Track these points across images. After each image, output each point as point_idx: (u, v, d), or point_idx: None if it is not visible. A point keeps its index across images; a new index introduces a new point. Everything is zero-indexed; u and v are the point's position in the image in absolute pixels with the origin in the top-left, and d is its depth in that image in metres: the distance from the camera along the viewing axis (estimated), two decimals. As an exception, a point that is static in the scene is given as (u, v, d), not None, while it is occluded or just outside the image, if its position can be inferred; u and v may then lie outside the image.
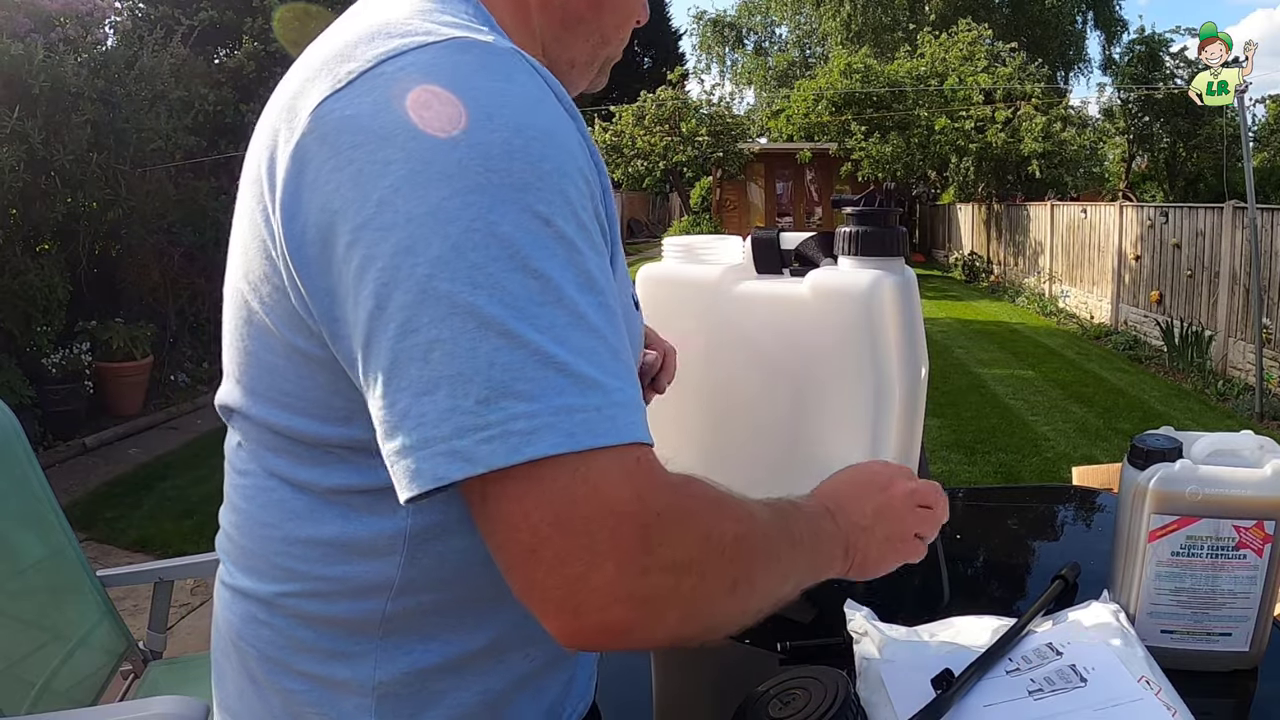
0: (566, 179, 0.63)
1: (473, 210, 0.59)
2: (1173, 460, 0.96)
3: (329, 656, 0.76)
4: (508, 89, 0.63)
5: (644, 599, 0.61)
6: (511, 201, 0.60)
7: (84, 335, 6.47)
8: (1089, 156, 17.34)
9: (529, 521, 0.59)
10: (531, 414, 0.58)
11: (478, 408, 0.58)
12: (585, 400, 0.60)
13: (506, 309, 0.59)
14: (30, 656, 1.76)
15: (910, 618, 1.00)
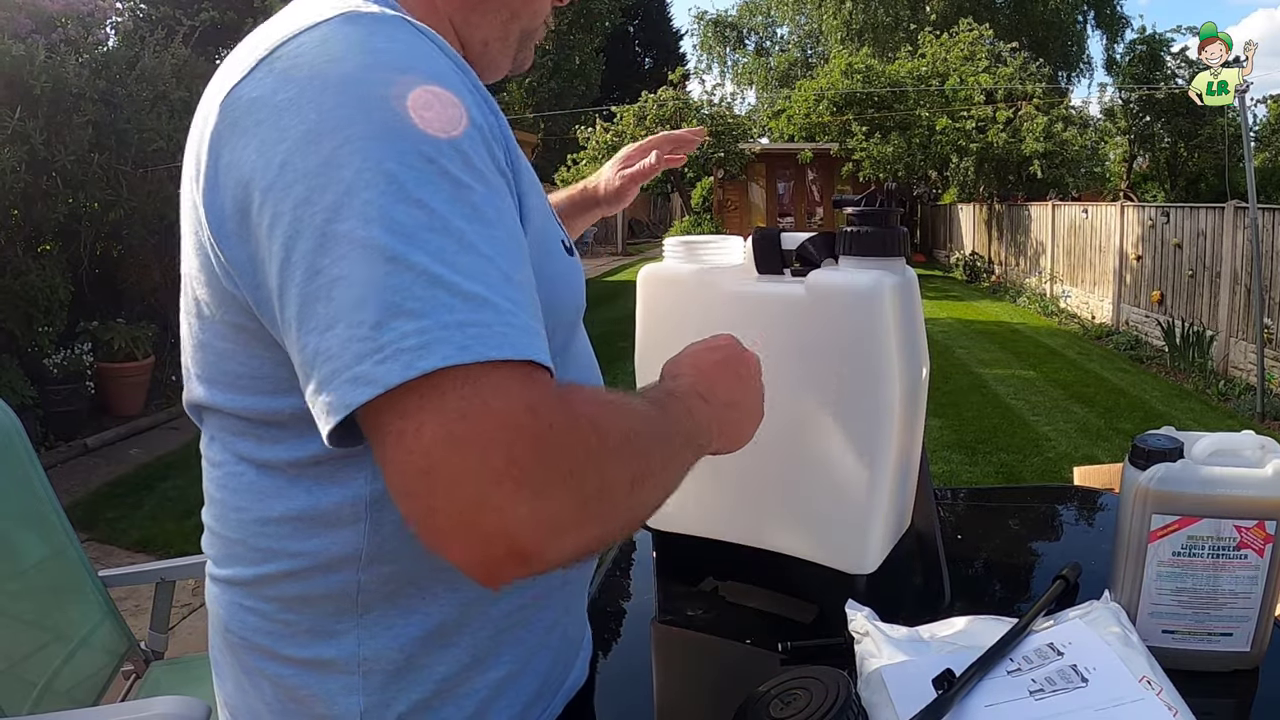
0: (450, 124, 0.66)
1: (360, 155, 0.62)
2: (1174, 460, 0.96)
3: (313, 638, 0.77)
4: (391, 46, 0.68)
5: (550, 516, 0.60)
6: (396, 143, 0.63)
7: (85, 335, 6.47)
8: (1090, 156, 17.33)
9: (421, 441, 0.58)
10: (422, 330, 0.59)
11: (372, 332, 0.59)
12: (477, 316, 0.61)
13: (395, 236, 0.61)
14: (32, 657, 1.77)
15: (911, 618, 1.00)
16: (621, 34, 31.38)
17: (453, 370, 0.59)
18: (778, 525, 1.15)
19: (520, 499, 0.59)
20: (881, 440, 1.05)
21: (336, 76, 0.65)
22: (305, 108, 0.64)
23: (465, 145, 0.66)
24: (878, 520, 1.08)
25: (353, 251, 0.61)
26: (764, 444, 1.14)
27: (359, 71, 0.65)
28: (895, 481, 1.09)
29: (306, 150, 0.63)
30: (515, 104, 21.43)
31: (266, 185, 0.64)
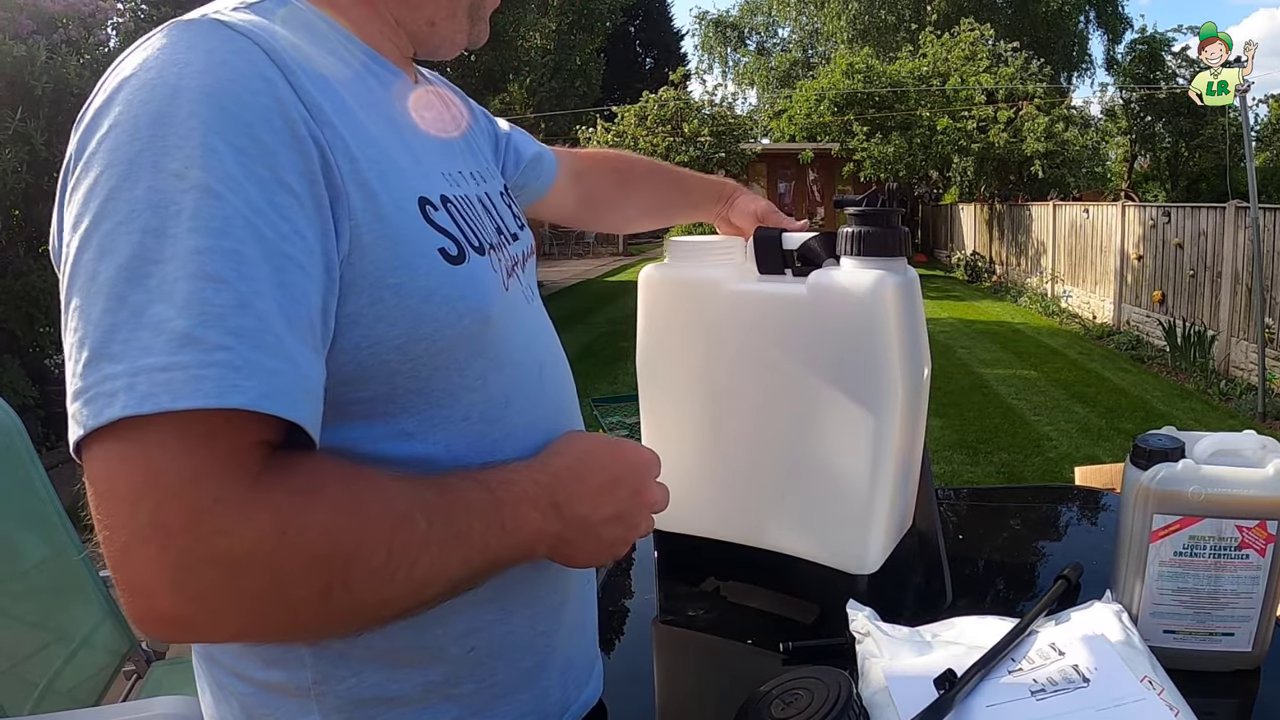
0: (218, 134, 0.61)
1: (112, 180, 0.61)
2: (1175, 460, 0.96)
3: (268, 663, 0.76)
4: (181, 57, 0.65)
5: (196, 593, 0.57)
6: (149, 165, 0.60)
7: (87, 336, 6.48)
8: (1091, 156, 17.33)
9: (95, 488, 0.58)
10: (115, 375, 0.57)
11: (83, 371, 0.58)
12: (175, 359, 0.57)
13: (119, 270, 0.58)
14: (33, 657, 1.77)
15: (913, 618, 1.00)
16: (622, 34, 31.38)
17: (132, 420, 0.56)
18: (779, 525, 1.15)
19: (165, 567, 0.56)
20: (883, 440, 1.05)
21: (127, 95, 0.65)
22: (101, 129, 0.65)
23: (244, 150, 0.62)
24: (879, 520, 1.08)
25: (87, 285, 0.60)
26: (765, 444, 1.14)
27: (138, 91, 0.64)
28: (897, 481, 1.09)
29: (81, 177, 0.63)
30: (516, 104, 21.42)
31: (62, 201, 0.66)
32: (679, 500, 1.22)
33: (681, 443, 1.21)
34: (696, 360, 1.17)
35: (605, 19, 22.34)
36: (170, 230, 0.59)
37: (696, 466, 1.20)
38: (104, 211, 0.60)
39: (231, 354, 0.58)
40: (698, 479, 1.20)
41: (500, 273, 0.82)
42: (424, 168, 0.79)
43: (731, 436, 1.17)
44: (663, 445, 1.22)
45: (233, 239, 0.60)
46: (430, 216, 0.74)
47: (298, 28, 0.74)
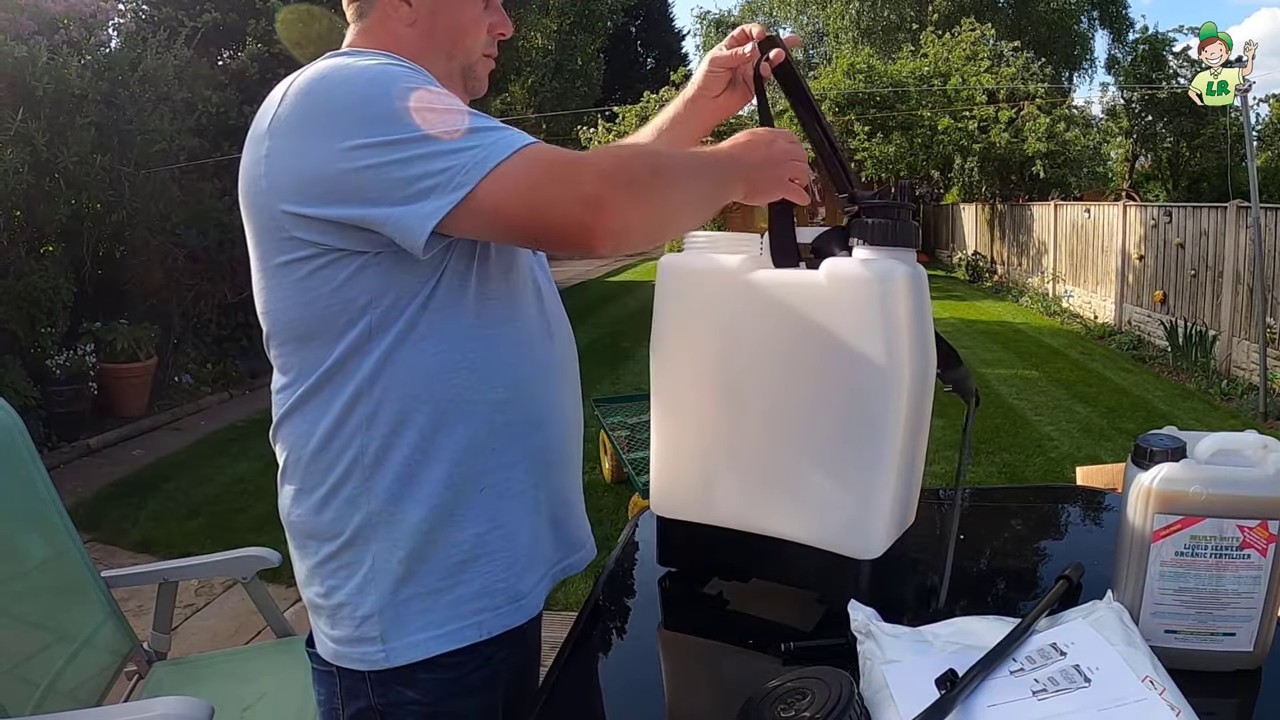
0: (407, 82, 1.02)
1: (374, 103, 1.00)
2: (1176, 460, 0.96)
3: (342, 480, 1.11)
4: (385, 67, 1.05)
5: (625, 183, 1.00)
6: (393, 91, 1.00)
7: (88, 336, 6.48)
8: (1092, 156, 17.31)
9: (518, 191, 0.97)
10: (499, 131, 1.01)
11: (451, 156, 0.98)
12: (502, 133, 1.00)
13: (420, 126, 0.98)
14: (35, 657, 1.77)
15: (914, 618, 1.00)
16: (623, 34, 31.36)
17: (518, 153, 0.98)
18: (785, 511, 1.15)
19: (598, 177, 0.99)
20: (891, 425, 1.06)
21: (342, 80, 1.04)
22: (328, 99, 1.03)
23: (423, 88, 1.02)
24: (885, 505, 1.09)
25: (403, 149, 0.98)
26: (778, 428, 1.15)
27: (361, 76, 1.04)
28: (903, 468, 1.10)
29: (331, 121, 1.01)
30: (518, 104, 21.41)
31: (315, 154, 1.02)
32: (686, 488, 1.23)
33: (691, 430, 1.21)
34: (710, 346, 1.18)
35: (606, 19, 22.34)
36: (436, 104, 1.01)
37: (705, 453, 1.20)
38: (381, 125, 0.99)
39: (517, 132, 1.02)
40: (706, 466, 1.21)
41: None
42: None
43: (741, 423, 1.17)
44: (672, 433, 1.23)
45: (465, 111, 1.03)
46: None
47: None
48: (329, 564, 1.11)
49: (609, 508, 4.96)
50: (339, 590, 1.11)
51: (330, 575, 1.11)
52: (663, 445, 1.25)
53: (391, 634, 1.09)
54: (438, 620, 1.10)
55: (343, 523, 1.09)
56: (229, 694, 1.82)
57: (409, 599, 1.09)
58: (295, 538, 1.16)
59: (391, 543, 1.08)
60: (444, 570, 1.10)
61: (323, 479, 1.09)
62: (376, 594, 1.09)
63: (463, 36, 1.20)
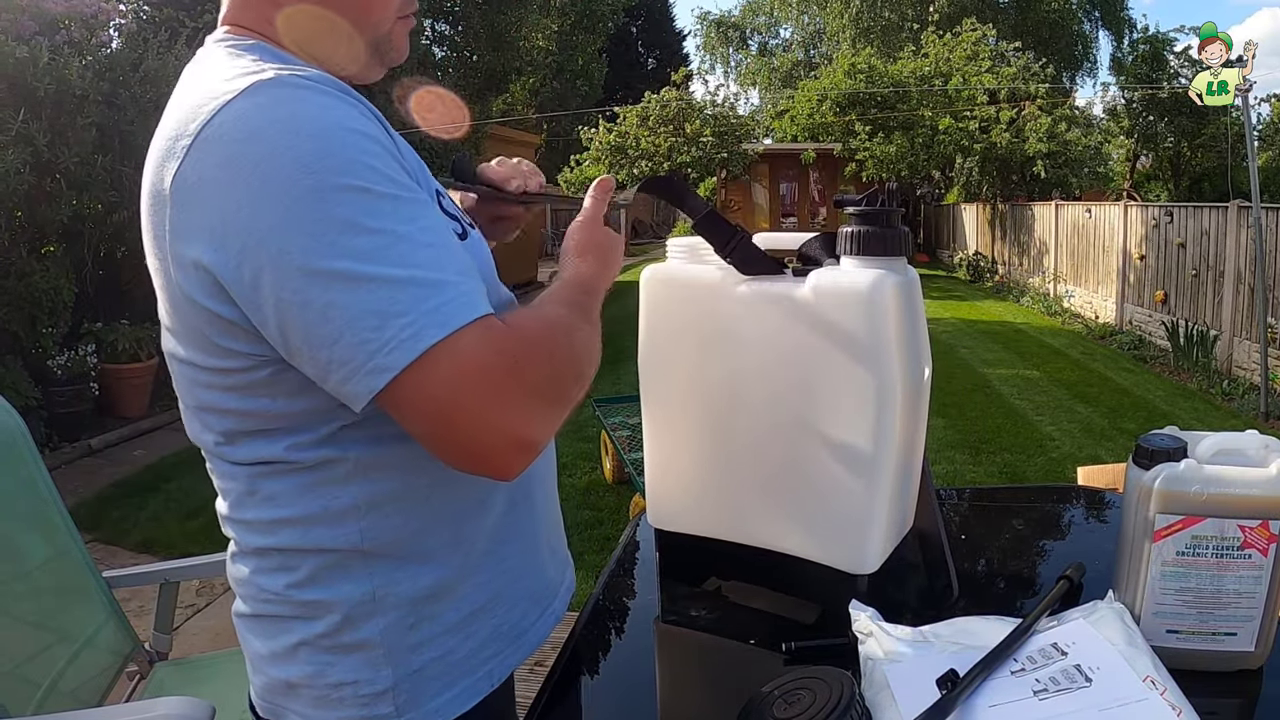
0: (366, 154, 0.83)
1: (313, 206, 0.79)
2: (1178, 460, 0.96)
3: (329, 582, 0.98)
4: (297, 108, 0.83)
5: (536, 417, 0.86)
6: (335, 188, 0.80)
7: (89, 337, 6.48)
8: (1094, 156, 17.31)
9: (432, 395, 0.81)
10: (411, 321, 0.80)
11: (376, 333, 0.80)
12: (443, 296, 0.82)
13: (365, 261, 0.80)
14: (36, 657, 1.77)
15: (915, 618, 1.00)
16: (624, 34, 31.39)
17: (440, 344, 0.80)
18: (779, 525, 1.15)
19: (512, 410, 0.84)
20: (883, 439, 1.05)
21: (263, 150, 0.80)
22: (249, 179, 0.80)
23: (380, 165, 0.83)
24: (879, 520, 1.08)
25: (332, 284, 0.79)
26: (765, 443, 1.14)
27: (280, 139, 0.80)
28: (897, 481, 1.09)
29: (265, 212, 0.79)
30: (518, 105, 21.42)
31: (239, 247, 0.81)
32: (680, 500, 1.23)
33: (683, 443, 1.21)
34: (697, 360, 1.17)
35: (607, 19, 22.32)
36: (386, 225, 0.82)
37: (697, 466, 1.20)
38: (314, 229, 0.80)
39: (466, 283, 0.85)
40: (699, 479, 1.20)
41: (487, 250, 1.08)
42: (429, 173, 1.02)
43: (732, 436, 1.16)
44: (664, 445, 1.23)
45: (420, 221, 0.84)
46: (441, 204, 0.97)
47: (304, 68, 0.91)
48: (318, 643, 0.97)
49: (610, 508, 4.96)
50: (334, 668, 0.97)
51: (322, 654, 0.97)
52: (656, 457, 1.24)
53: (408, 707, 0.98)
54: (451, 680, 1.01)
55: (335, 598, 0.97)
56: (230, 694, 1.82)
57: (425, 665, 0.99)
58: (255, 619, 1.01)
59: (401, 613, 0.97)
60: (456, 626, 1.01)
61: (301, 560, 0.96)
62: (391, 668, 0.97)
63: (370, 8, 0.99)
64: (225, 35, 0.96)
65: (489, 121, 14.06)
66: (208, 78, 0.88)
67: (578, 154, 20.09)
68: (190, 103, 0.86)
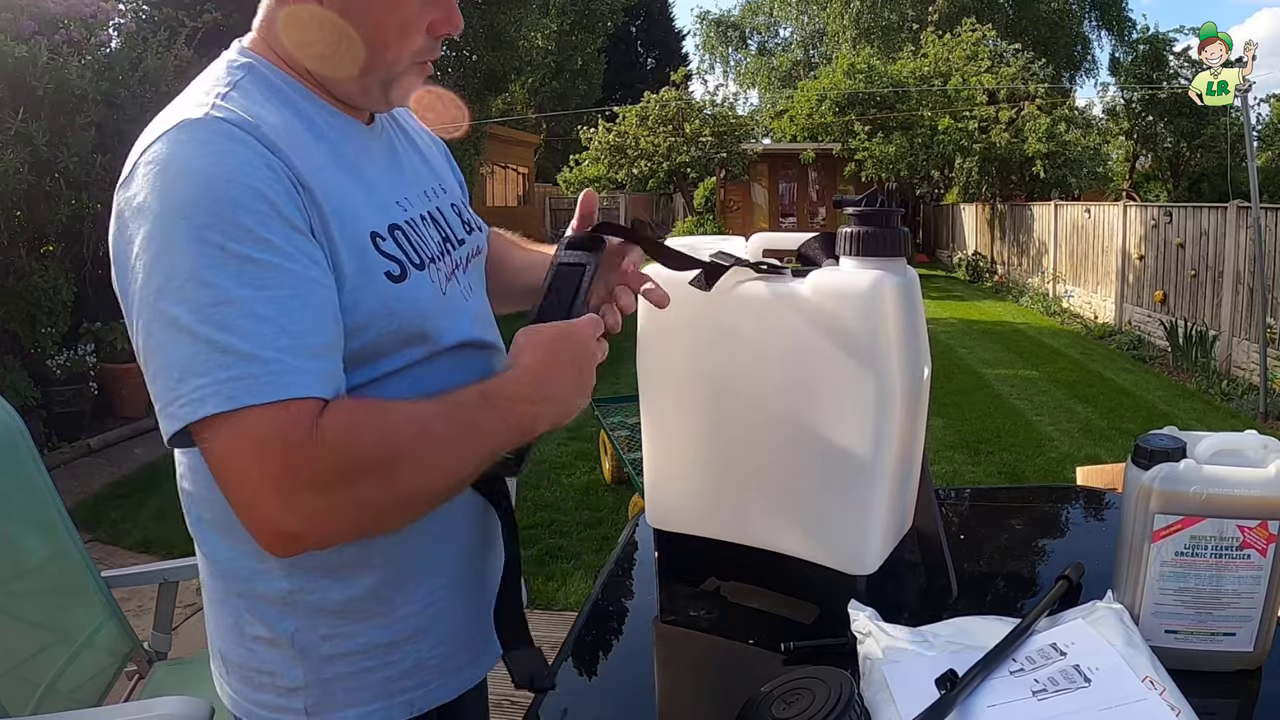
0: (240, 209, 0.85)
1: (172, 249, 0.85)
2: (1177, 460, 0.96)
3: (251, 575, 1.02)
4: (197, 151, 0.87)
5: (307, 514, 0.85)
6: (195, 238, 0.84)
7: (88, 336, 6.48)
8: (1093, 156, 17.31)
9: (214, 459, 0.86)
10: (203, 385, 0.83)
11: (175, 385, 0.84)
12: (246, 370, 0.83)
13: (191, 314, 0.83)
14: (35, 657, 1.77)
15: (914, 618, 1.00)
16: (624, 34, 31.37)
17: (223, 415, 0.83)
18: (778, 525, 1.15)
19: (281, 501, 0.84)
20: (882, 440, 1.05)
21: (161, 189, 0.86)
22: (145, 213, 0.86)
23: (253, 223, 0.86)
24: (878, 521, 1.08)
25: (166, 325, 0.84)
26: (764, 443, 1.14)
27: (173, 179, 0.86)
28: (896, 481, 1.09)
29: (144, 246, 0.86)
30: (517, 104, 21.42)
31: (125, 269, 0.88)
32: (679, 500, 1.23)
33: (681, 443, 1.21)
34: (696, 360, 1.17)
35: (606, 19, 22.33)
36: (223, 285, 0.84)
37: (696, 467, 1.20)
38: (170, 270, 0.84)
39: (281, 362, 0.84)
40: (698, 479, 1.20)
41: (438, 282, 1.06)
42: (378, 201, 1.02)
43: (731, 437, 1.16)
44: (663, 446, 1.23)
45: (270, 289, 0.85)
46: (379, 246, 0.98)
47: (269, 93, 0.97)
48: (243, 629, 1.05)
49: (609, 508, 4.96)
50: (256, 656, 1.04)
51: (246, 640, 1.05)
52: (654, 458, 1.24)
53: (317, 710, 1.04)
54: (366, 699, 1.05)
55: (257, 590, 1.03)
56: (229, 694, 1.82)
57: (338, 676, 1.04)
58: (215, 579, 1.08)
59: (314, 620, 1.02)
60: (376, 649, 1.05)
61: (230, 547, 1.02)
62: (302, 669, 1.03)
63: (383, 48, 0.99)
64: (239, 49, 1.02)
65: (488, 121, 14.05)
66: (179, 99, 0.97)
67: (577, 154, 20.10)
68: (155, 122, 0.94)
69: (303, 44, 0.99)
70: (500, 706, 2.65)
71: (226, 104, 0.92)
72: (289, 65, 1.01)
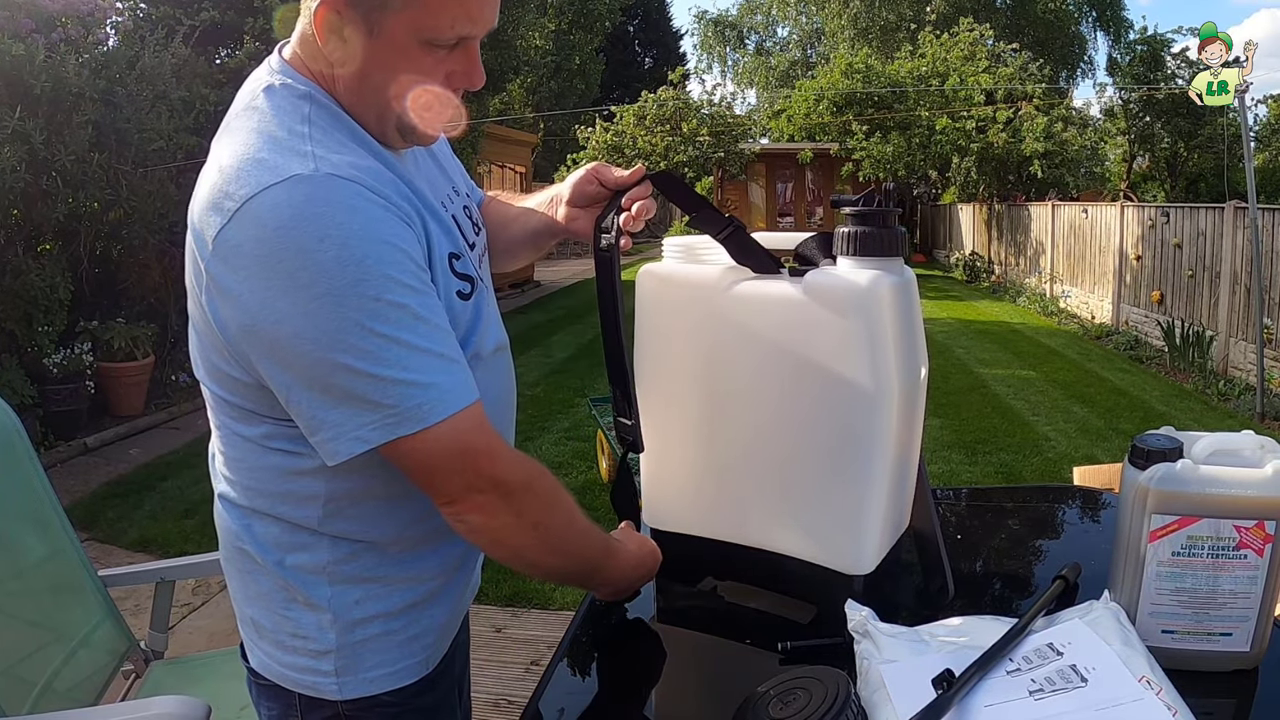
0: (385, 263, 0.93)
1: (331, 307, 0.90)
2: (1174, 460, 0.96)
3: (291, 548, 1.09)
4: (329, 211, 0.91)
5: (485, 504, 0.99)
6: (353, 294, 0.91)
7: (85, 335, 6.47)
8: (1090, 156, 17.33)
9: (410, 465, 0.98)
10: (395, 412, 0.94)
11: (361, 415, 0.94)
12: (425, 396, 0.94)
13: (368, 361, 0.92)
14: (32, 656, 1.77)
15: (911, 618, 1.00)
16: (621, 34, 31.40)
17: (421, 432, 0.94)
18: (776, 525, 1.15)
19: (475, 488, 0.99)
20: (879, 440, 1.05)
21: (297, 241, 0.90)
22: (282, 263, 0.90)
23: (396, 273, 0.93)
24: (875, 521, 1.08)
25: (344, 374, 0.92)
26: (762, 443, 1.15)
27: (313, 239, 0.90)
28: (893, 481, 1.10)
29: (290, 299, 0.90)
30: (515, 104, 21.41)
31: (263, 321, 0.92)
32: (676, 500, 1.23)
33: (679, 442, 1.21)
34: (693, 360, 1.17)
35: (604, 19, 22.33)
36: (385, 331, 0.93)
37: (694, 466, 1.20)
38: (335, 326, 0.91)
39: (451, 381, 0.97)
40: (695, 478, 1.20)
41: (484, 282, 1.15)
42: (443, 214, 1.10)
43: (728, 436, 1.17)
44: (660, 445, 1.23)
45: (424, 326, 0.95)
46: (454, 266, 1.07)
47: (338, 127, 1.01)
48: (277, 595, 1.11)
49: (605, 507, 4.94)
50: (289, 621, 1.10)
51: (281, 605, 1.11)
52: (652, 457, 1.24)
53: (346, 670, 1.10)
54: (392, 660, 1.12)
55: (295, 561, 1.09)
56: (226, 693, 1.82)
57: (367, 639, 1.11)
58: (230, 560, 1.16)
59: (347, 586, 1.09)
60: (400, 612, 1.12)
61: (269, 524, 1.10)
62: (335, 633, 1.09)
63: (399, 97, 1.02)
64: (285, 71, 1.03)
65: (486, 120, 14.04)
66: (261, 130, 0.98)
67: (574, 153, 20.10)
68: (240, 154, 0.95)
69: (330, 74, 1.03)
70: (499, 706, 2.66)
71: (320, 151, 0.96)
72: (328, 86, 1.03)
